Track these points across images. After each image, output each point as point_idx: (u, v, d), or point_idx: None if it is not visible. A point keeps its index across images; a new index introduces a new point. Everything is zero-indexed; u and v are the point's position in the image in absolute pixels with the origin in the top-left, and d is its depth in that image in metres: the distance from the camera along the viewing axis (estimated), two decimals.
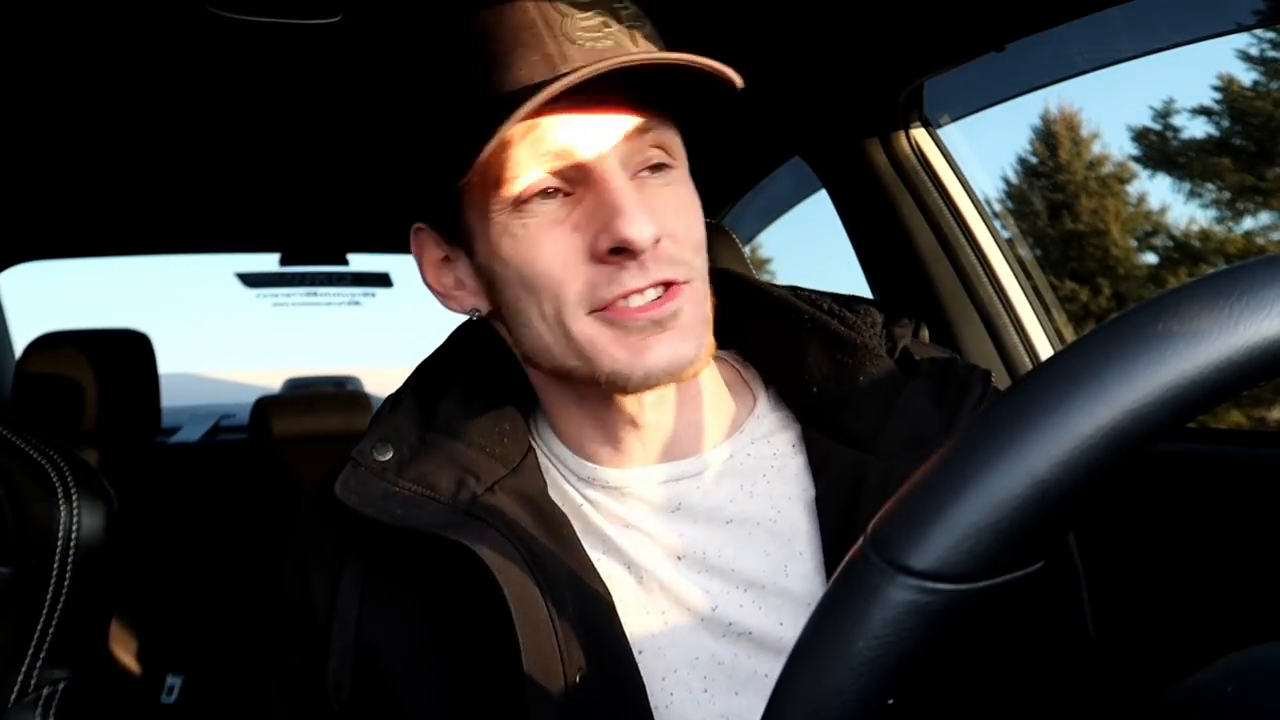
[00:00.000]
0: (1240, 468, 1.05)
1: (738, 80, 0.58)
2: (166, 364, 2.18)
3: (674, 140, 0.64)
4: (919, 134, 1.41)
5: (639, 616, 0.64)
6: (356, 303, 3.07)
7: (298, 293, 2.90)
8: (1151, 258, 17.56)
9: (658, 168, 0.62)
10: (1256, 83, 15.27)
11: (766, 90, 1.44)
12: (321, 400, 2.37)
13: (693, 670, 0.64)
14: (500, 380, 0.71)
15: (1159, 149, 16.96)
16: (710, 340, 0.64)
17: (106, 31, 1.16)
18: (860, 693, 0.30)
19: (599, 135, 0.59)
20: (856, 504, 0.63)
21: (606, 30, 0.60)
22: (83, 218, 2.09)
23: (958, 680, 0.54)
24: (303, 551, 0.70)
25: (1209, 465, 1.07)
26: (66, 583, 0.95)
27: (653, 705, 0.62)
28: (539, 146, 0.59)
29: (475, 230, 0.63)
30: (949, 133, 1.43)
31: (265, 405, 2.26)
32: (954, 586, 0.30)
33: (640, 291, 0.59)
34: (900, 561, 0.30)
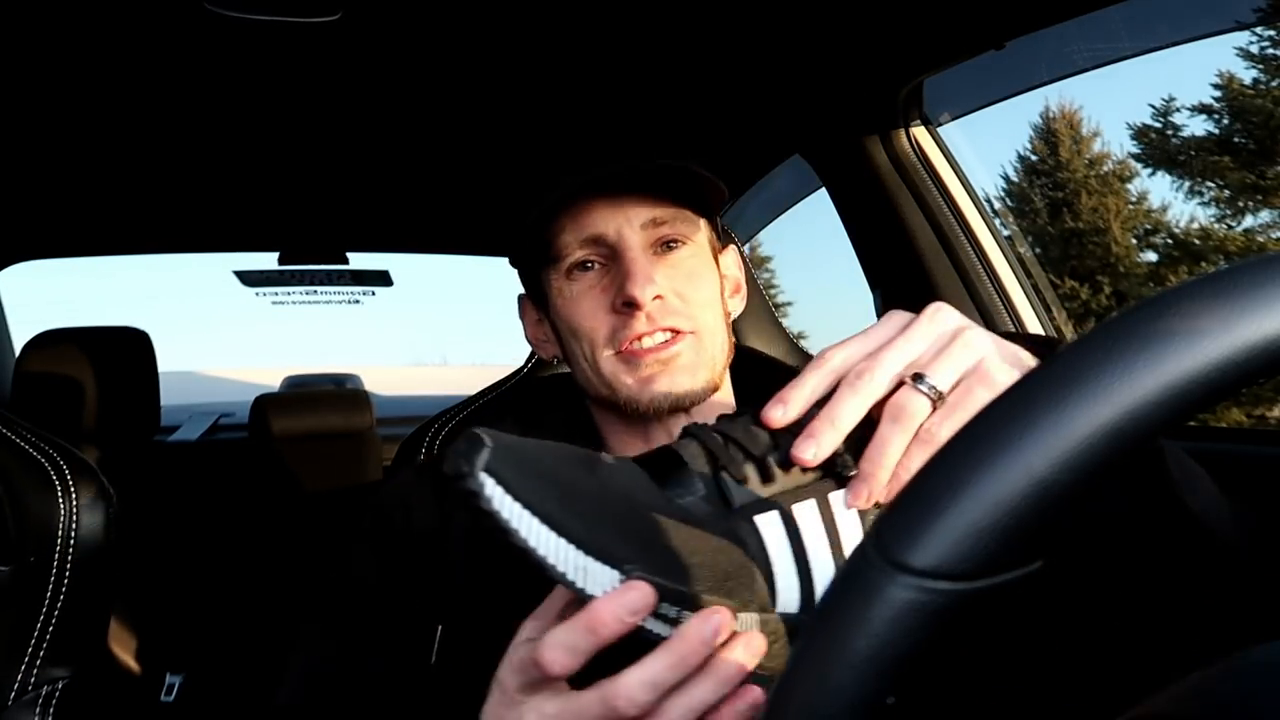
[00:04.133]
0: (1240, 466, 1.05)
1: (721, 189, 0.80)
2: (166, 362, 2.18)
3: (687, 225, 0.81)
4: (919, 132, 1.41)
5: None
6: (356, 301, 3.07)
7: (297, 291, 2.90)
8: (1152, 256, 17.57)
9: (670, 245, 0.80)
10: (1257, 81, 15.27)
11: (766, 88, 1.43)
12: (321, 398, 2.36)
13: None
14: (569, 417, 0.88)
15: (1159, 147, 16.96)
16: (714, 378, 0.79)
17: (106, 30, 1.16)
18: (860, 691, 0.30)
19: (621, 222, 0.78)
20: None
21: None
22: (82, 216, 2.09)
23: (962, 679, 0.54)
24: (405, 494, 0.81)
25: (1209, 463, 1.07)
26: (66, 581, 0.95)
27: None
28: (579, 233, 0.79)
29: (548, 295, 0.83)
30: (949, 131, 1.43)
31: (265, 403, 2.26)
32: (954, 585, 0.30)
33: (650, 334, 0.77)
34: (900, 560, 0.30)
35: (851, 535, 0.52)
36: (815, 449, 0.51)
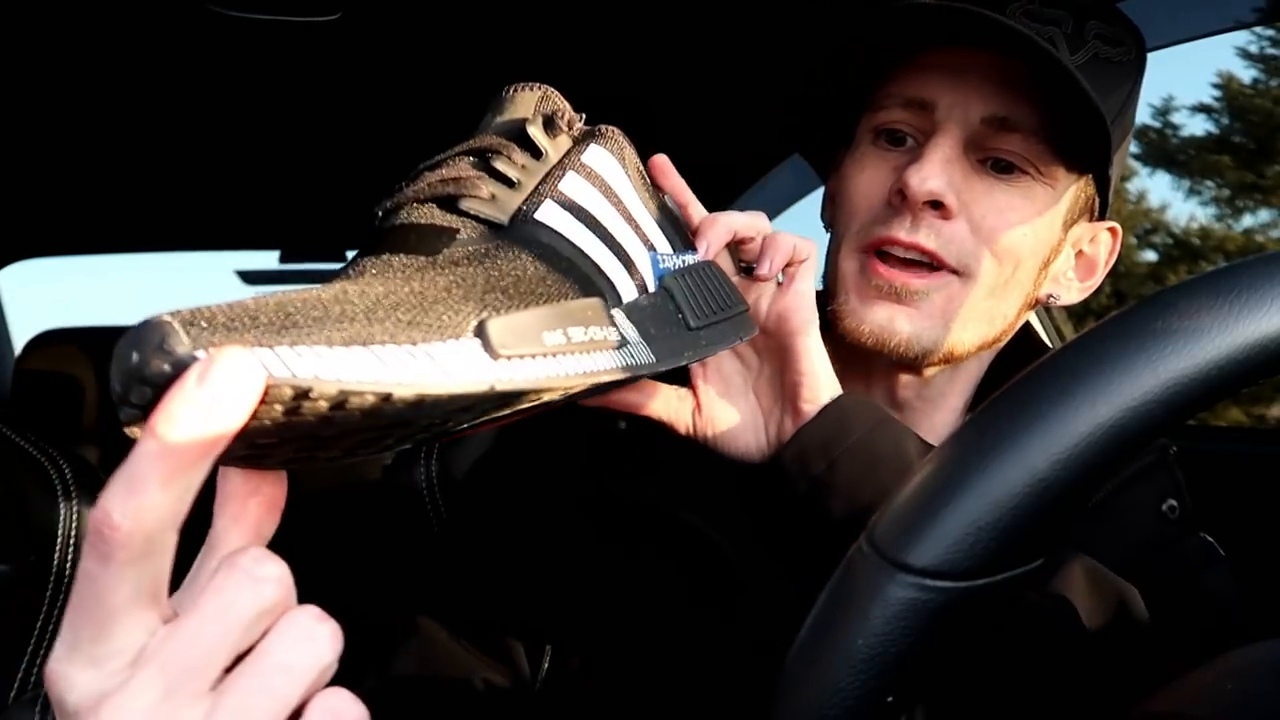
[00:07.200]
0: (1240, 465, 1.05)
1: (1110, 146, 0.57)
2: None
3: (1046, 159, 0.60)
4: None
5: None
6: None
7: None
8: (1152, 255, 17.55)
9: (1006, 167, 0.60)
10: (1256, 80, 15.26)
11: (766, 87, 1.43)
12: None
13: None
14: None
15: (1158, 146, 16.94)
16: (958, 349, 0.61)
17: (107, 28, 1.16)
18: (860, 690, 0.30)
19: (959, 101, 0.59)
20: None
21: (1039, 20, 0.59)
22: (82, 215, 2.09)
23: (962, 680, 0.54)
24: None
25: (1208, 462, 1.07)
26: (66, 580, 0.95)
27: None
28: (906, 88, 0.61)
29: (845, 151, 0.65)
30: None
31: None
32: (953, 584, 0.30)
33: (904, 245, 0.58)
34: (900, 559, 0.30)
35: (618, 183, 0.50)
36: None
